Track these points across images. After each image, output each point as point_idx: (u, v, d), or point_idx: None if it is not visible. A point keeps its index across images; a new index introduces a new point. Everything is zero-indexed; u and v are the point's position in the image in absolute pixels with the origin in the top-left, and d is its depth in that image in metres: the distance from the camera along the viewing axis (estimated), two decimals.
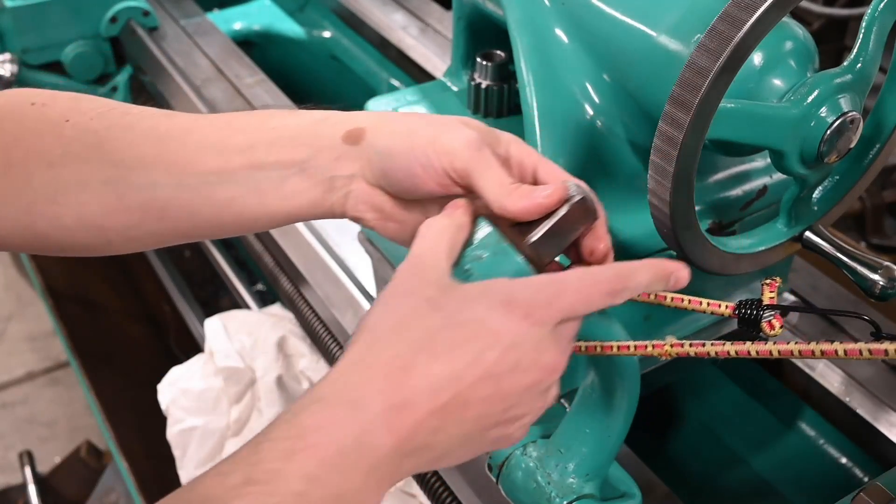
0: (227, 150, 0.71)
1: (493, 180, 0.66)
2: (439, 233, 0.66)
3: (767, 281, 0.68)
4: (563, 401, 0.91)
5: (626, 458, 0.97)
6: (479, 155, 0.67)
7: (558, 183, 0.67)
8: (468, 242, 0.66)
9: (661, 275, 0.66)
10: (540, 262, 0.66)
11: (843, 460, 1.08)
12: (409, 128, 0.69)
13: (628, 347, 0.66)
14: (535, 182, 0.69)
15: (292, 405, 0.60)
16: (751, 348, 0.63)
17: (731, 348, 0.63)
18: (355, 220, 0.73)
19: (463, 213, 0.68)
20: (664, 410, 1.21)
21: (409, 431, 0.58)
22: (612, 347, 0.67)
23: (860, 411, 1.02)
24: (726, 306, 0.67)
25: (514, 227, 0.67)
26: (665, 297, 0.68)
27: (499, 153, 0.69)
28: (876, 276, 0.81)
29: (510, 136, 0.71)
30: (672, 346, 0.65)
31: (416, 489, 1.12)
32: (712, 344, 0.64)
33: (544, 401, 0.64)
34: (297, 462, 0.56)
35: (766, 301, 0.66)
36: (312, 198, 0.71)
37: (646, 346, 0.66)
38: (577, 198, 0.66)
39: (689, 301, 0.68)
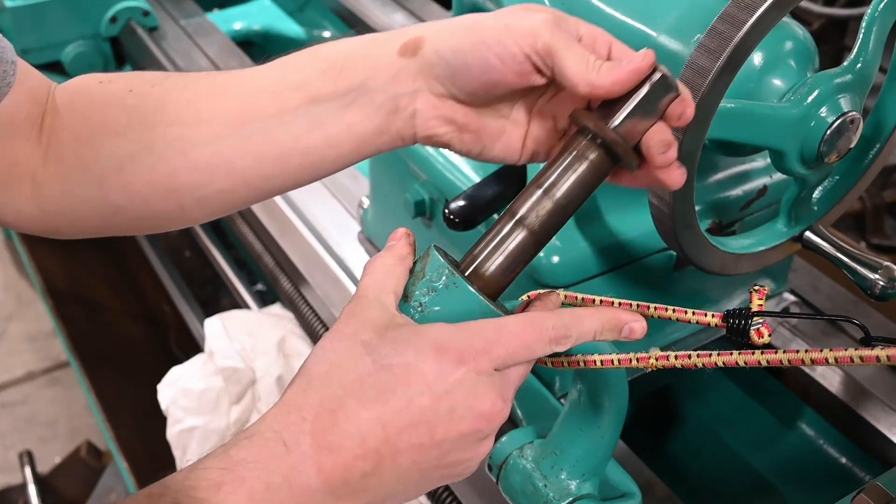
0: (283, 91, 0.70)
1: (578, 57, 0.63)
2: (384, 268, 0.65)
3: (756, 288, 0.66)
4: (562, 400, 0.91)
5: (626, 458, 0.97)
6: (559, 32, 0.64)
7: (645, 50, 0.63)
8: (421, 274, 0.64)
9: (613, 324, 0.63)
10: (625, 147, 0.63)
11: (843, 460, 1.08)
12: (471, 24, 0.66)
13: (612, 361, 0.65)
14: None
15: (227, 440, 0.59)
16: (738, 358, 0.61)
17: (718, 359, 0.62)
18: (428, 140, 0.70)
19: (404, 245, 0.67)
20: (664, 410, 1.21)
21: (338, 474, 0.58)
22: (595, 361, 0.66)
23: (860, 411, 1.02)
24: (713, 315, 0.66)
25: (594, 113, 0.64)
26: (648, 308, 0.67)
27: (571, 33, 0.66)
28: (876, 276, 0.81)
29: (576, 18, 0.67)
30: (657, 358, 0.64)
31: None
32: (698, 355, 0.63)
33: (486, 446, 0.62)
34: (224, 493, 0.56)
35: (754, 308, 0.65)
36: (376, 124, 0.69)
37: (630, 360, 0.64)
38: (658, 73, 0.62)
39: (674, 311, 0.67)
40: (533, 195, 0.64)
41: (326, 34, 1.97)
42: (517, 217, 0.64)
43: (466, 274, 0.65)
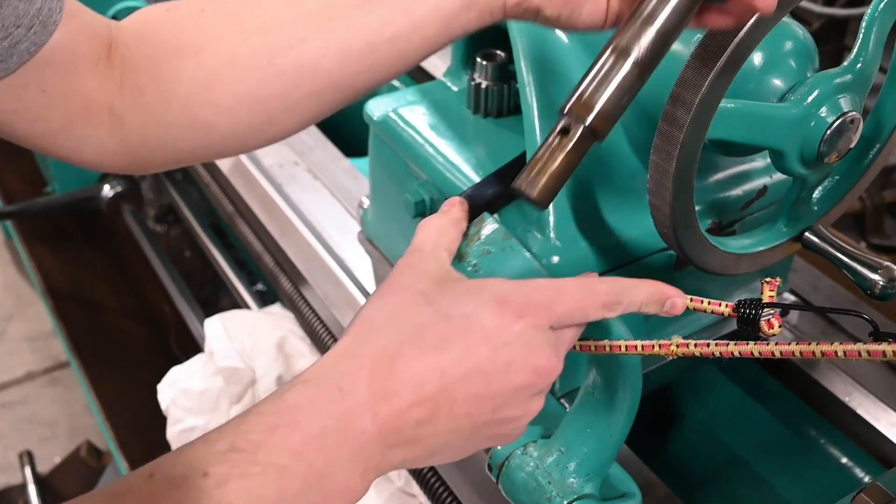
0: None
1: None
2: (438, 228, 0.66)
3: (767, 280, 0.68)
4: (562, 400, 0.91)
5: (626, 458, 0.97)
6: None
7: None
8: (476, 238, 0.65)
9: (658, 297, 0.65)
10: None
11: (843, 460, 1.08)
12: None
13: (635, 347, 0.66)
14: None
15: (282, 386, 0.60)
16: (753, 349, 0.63)
17: (734, 349, 0.64)
18: (517, 9, 0.69)
19: (459, 210, 0.68)
20: (664, 410, 1.21)
21: (393, 421, 0.58)
22: (620, 347, 0.67)
23: (860, 411, 1.02)
24: (726, 305, 0.68)
25: None
26: None
27: None
28: (876, 276, 0.81)
29: None
30: (678, 346, 0.65)
31: (416, 489, 1.12)
32: (716, 344, 0.65)
33: (537, 404, 0.63)
34: (279, 436, 0.56)
35: (765, 299, 0.67)
36: None
37: (653, 346, 0.66)
38: None
39: (692, 300, 0.68)
40: (633, 26, 0.64)
41: None
42: (620, 48, 0.64)
43: (576, 110, 0.64)
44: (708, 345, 0.65)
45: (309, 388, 0.59)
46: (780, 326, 0.66)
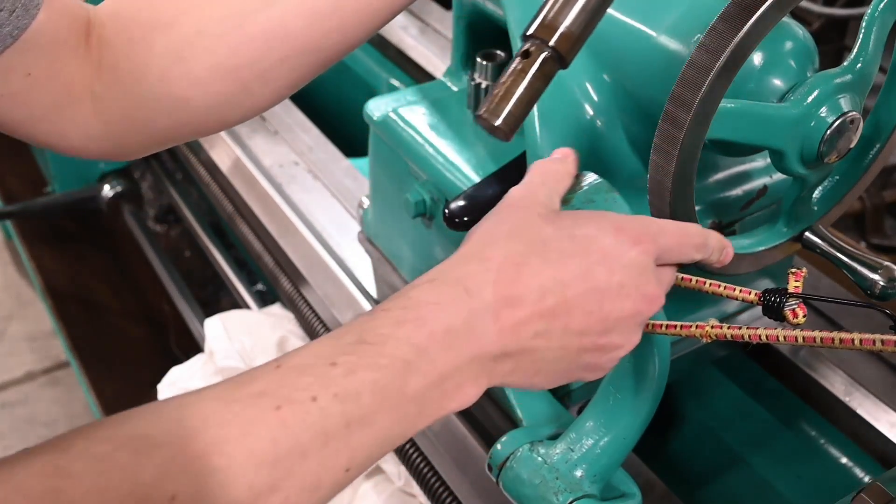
0: None
1: None
2: (555, 173, 0.69)
3: (793, 270, 0.70)
4: (566, 402, 0.91)
5: (626, 457, 0.97)
6: None
7: None
8: (579, 187, 0.69)
9: (721, 245, 0.70)
10: None
11: (843, 460, 1.08)
12: None
13: (675, 326, 0.69)
14: None
15: (406, 286, 0.61)
16: (779, 334, 0.66)
17: (763, 332, 0.67)
18: None
19: (572, 161, 0.71)
20: (664, 410, 1.21)
21: (514, 327, 0.60)
22: (661, 326, 0.69)
23: (860, 411, 1.02)
24: (754, 294, 0.70)
25: None
26: (704, 283, 0.71)
27: None
28: (876, 276, 0.81)
29: None
30: (713, 327, 0.69)
31: (416, 489, 1.12)
32: (747, 327, 0.68)
33: (638, 336, 0.66)
34: (405, 330, 0.57)
35: (790, 289, 0.69)
36: None
37: (690, 327, 0.69)
38: None
39: (725, 287, 0.71)
40: None
41: None
42: None
43: (538, 32, 0.62)
44: (739, 328, 0.68)
45: (435, 286, 0.60)
46: (804, 316, 0.69)
